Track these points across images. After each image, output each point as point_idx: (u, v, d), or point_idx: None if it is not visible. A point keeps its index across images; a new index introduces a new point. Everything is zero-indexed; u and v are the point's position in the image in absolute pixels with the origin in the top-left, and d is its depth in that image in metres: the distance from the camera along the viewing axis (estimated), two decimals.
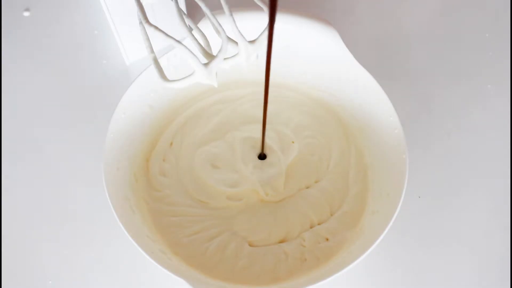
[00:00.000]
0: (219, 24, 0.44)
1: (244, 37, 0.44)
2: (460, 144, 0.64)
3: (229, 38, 0.44)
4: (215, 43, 0.46)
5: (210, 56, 0.45)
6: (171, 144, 0.61)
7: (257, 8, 0.49)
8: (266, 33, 0.44)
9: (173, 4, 0.47)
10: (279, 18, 0.52)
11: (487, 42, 0.70)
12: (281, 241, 0.56)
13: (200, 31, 0.47)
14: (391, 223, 0.49)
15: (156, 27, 0.44)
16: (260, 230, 0.57)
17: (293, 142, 0.61)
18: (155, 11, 0.60)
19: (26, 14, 0.71)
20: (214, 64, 0.43)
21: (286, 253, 0.55)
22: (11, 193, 0.61)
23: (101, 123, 0.56)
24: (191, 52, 0.43)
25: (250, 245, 0.56)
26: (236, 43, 0.45)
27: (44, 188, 0.61)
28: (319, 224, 0.57)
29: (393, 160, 0.54)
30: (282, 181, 0.59)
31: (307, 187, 0.59)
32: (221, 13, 0.45)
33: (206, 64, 0.43)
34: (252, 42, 0.45)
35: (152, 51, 0.45)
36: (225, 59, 0.44)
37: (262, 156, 0.60)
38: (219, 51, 0.43)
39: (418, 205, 0.61)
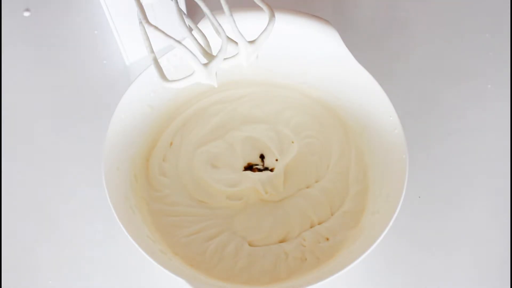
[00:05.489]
0: (219, 24, 0.44)
1: (244, 37, 0.44)
2: (460, 144, 0.64)
3: (229, 38, 0.44)
4: (215, 43, 0.46)
5: (210, 56, 0.45)
6: (171, 144, 0.61)
7: (257, 8, 0.49)
8: (266, 33, 0.44)
9: (173, 4, 0.47)
10: (279, 18, 0.52)
11: (487, 42, 0.70)
12: (281, 241, 0.56)
13: (200, 31, 0.47)
14: (391, 223, 0.49)
15: (156, 27, 0.44)
16: (260, 230, 0.57)
17: (292, 142, 0.61)
18: (155, 11, 0.60)
19: (26, 14, 0.71)
20: (214, 64, 0.43)
21: (286, 253, 0.55)
22: (11, 193, 0.61)
23: (101, 123, 0.56)
24: (191, 52, 0.43)
25: (250, 244, 0.56)
26: (236, 43, 0.45)
27: (44, 188, 0.61)
28: (319, 223, 0.57)
29: (393, 160, 0.54)
30: (281, 180, 0.59)
31: (307, 187, 0.59)
32: (221, 13, 0.45)
33: (206, 64, 0.43)
34: (252, 42, 0.45)
35: (152, 51, 0.45)
36: (225, 59, 0.44)
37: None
38: (219, 51, 0.43)
39: (418, 205, 0.60)
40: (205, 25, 0.51)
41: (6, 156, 0.63)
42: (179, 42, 0.43)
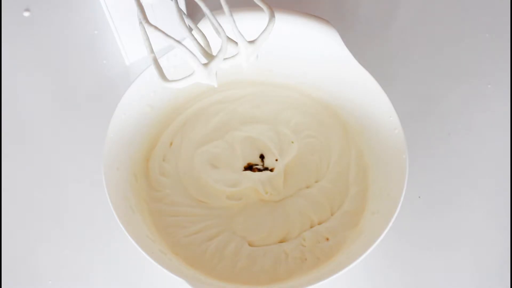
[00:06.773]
0: (219, 24, 0.44)
1: (244, 37, 0.44)
2: (460, 144, 0.64)
3: (229, 38, 0.44)
4: (215, 43, 0.46)
5: (210, 56, 0.45)
6: (171, 144, 0.61)
7: (257, 8, 0.49)
8: (266, 33, 0.44)
9: (173, 4, 0.47)
10: (279, 18, 0.52)
11: (487, 42, 0.70)
12: (281, 241, 0.56)
13: (200, 31, 0.47)
14: (391, 223, 0.49)
15: (156, 27, 0.44)
16: (260, 230, 0.57)
17: (292, 142, 0.61)
18: (155, 11, 0.60)
19: (26, 14, 0.71)
20: (214, 64, 0.43)
21: (286, 253, 0.55)
22: (11, 193, 0.61)
23: (101, 123, 0.56)
24: (191, 52, 0.43)
25: (250, 245, 0.56)
26: (236, 43, 0.45)
27: (44, 188, 0.61)
28: (319, 223, 0.57)
29: (393, 160, 0.54)
30: (281, 180, 0.59)
31: (307, 187, 0.59)
32: (221, 13, 0.45)
33: (206, 64, 0.43)
34: (252, 42, 0.45)
35: (152, 51, 0.45)
36: (225, 59, 0.44)
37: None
38: (219, 51, 0.43)
39: (418, 205, 0.60)
40: (205, 25, 0.51)
41: (6, 156, 0.63)
42: (179, 42, 0.43)
